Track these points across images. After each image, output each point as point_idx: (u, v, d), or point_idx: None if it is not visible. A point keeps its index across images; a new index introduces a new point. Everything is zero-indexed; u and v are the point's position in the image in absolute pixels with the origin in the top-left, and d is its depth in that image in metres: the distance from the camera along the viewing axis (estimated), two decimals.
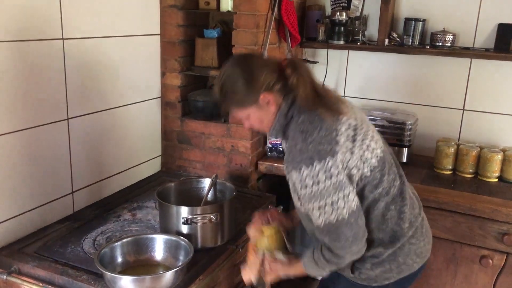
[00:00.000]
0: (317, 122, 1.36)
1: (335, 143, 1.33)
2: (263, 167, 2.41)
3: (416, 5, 2.51)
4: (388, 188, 1.42)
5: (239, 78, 1.41)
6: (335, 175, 1.31)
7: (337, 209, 1.31)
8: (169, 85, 2.43)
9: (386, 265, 1.47)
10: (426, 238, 1.53)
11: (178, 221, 1.68)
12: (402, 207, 1.45)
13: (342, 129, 1.36)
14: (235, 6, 2.20)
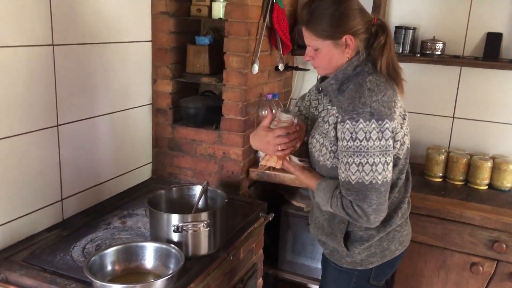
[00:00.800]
0: (382, 87, 1.40)
1: (393, 111, 1.38)
2: (255, 174, 2.40)
3: (406, 13, 2.53)
4: (402, 177, 1.51)
5: (335, 7, 1.41)
6: (386, 138, 1.34)
7: (375, 172, 1.35)
8: (160, 92, 2.42)
9: (372, 249, 1.54)
10: (408, 228, 1.63)
11: (168, 229, 1.67)
12: (404, 198, 1.54)
13: (398, 104, 1.43)
14: (227, 13, 2.21)
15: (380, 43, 1.43)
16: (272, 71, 2.54)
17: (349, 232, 1.54)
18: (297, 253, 2.47)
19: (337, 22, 1.41)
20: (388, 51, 1.43)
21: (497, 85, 2.42)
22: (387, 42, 1.43)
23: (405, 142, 1.46)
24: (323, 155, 1.49)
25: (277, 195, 2.59)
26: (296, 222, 2.43)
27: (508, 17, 2.34)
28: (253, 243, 2.15)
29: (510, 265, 1.99)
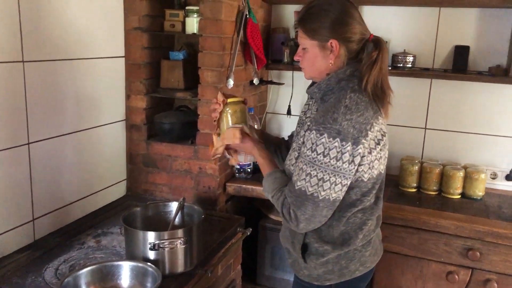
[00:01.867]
0: (361, 107, 1.36)
1: (364, 134, 1.34)
2: (232, 188, 2.39)
3: (378, 27, 2.55)
4: (368, 200, 1.45)
5: (332, 10, 1.40)
6: (343, 160, 1.33)
7: (320, 186, 1.34)
8: (134, 108, 2.40)
9: (329, 266, 1.49)
10: (372, 249, 1.55)
11: (144, 247, 1.63)
12: (367, 220, 1.47)
13: (376, 127, 1.38)
14: (201, 28, 2.21)
15: (370, 59, 1.39)
16: (247, 85, 2.54)
17: (307, 244, 1.51)
18: (276, 267, 2.46)
19: (329, 24, 1.40)
20: (378, 69, 1.39)
21: (466, 96, 2.48)
22: (378, 60, 1.38)
23: (374, 166, 1.40)
24: (289, 159, 1.51)
25: (255, 209, 2.58)
26: (274, 236, 2.42)
27: (475, 30, 2.42)
28: (231, 259, 2.12)
29: (484, 272, 2.02)
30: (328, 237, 1.47)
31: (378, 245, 1.61)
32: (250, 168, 2.45)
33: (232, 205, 2.49)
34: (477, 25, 2.41)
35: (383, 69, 1.40)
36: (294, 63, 2.61)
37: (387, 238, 2.14)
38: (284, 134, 2.90)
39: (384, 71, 1.41)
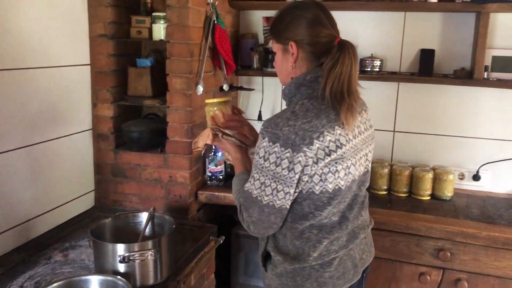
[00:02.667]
0: (310, 114, 1.27)
1: (308, 143, 1.24)
2: (203, 196, 2.35)
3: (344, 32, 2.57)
4: (324, 217, 1.35)
5: (291, 12, 1.38)
6: (282, 167, 1.26)
7: (262, 191, 1.30)
8: (101, 116, 2.34)
9: (283, 280, 1.42)
10: (336, 272, 1.40)
11: (114, 260, 1.59)
12: (322, 239, 1.36)
13: (327, 138, 1.26)
14: (168, 35, 2.18)
15: (329, 63, 1.30)
16: (217, 91, 2.52)
17: (268, 252, 1.45)
18: (250, 274, 2.43)
19: (286, 26, 1.37)
20: (337, 73, 1.28)
21: (433, 98, 2.53)
22: (338, 63, 1.28)
23: (328, 179, 1.28)
24: None
25: (227, 216, 2.55)
26: (247, 243, 2.40)
27: (439, 34, 2.47)
28: (204, 268, 2.09)
29: (455, 272, 2.05)
30: (284, 248, 1.40)
31: (351, 269, 1.42)
32: (222, 175, 2.43)
33: (204, 213, 2.46)
34: (442, 29, 2.47)
35: (344, 73, 1.29)
36: (263, 68, 2.61)
37: None
38: None
39: (344, 75, 1.29)
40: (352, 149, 1.33)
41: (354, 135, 1.34)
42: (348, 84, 1.30)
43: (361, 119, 1.41)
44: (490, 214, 2.16)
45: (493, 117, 2.44)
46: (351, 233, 1.42)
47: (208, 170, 2.40)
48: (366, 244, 1.51)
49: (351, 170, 1.33)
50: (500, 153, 2.47)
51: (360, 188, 1.42)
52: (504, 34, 2.37)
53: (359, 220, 1.45)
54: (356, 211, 1.42)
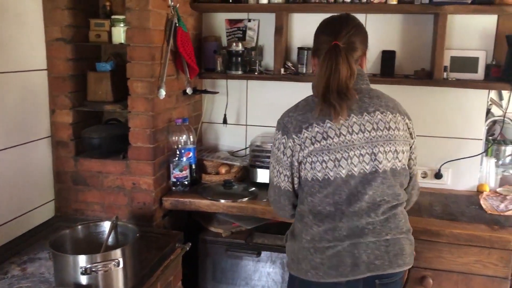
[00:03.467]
0: (306, 108, 1.51)
1: (297, 131, 1.47)
2: (168, 203, 2.30)
3: (307, 34, 2.59)
4: (318, 204, 1.49)
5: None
6: (279, 150, 1.52)
7: (272, 173, 1.59)
8: (60, 123, 2.26)
9: (289, 254, 1.60)
10: (328, 261, 1.49)
11: (75, 272, 1.53)
12: (314, 225, 1.51)
13: (315, 129, 1.45)
14: (128, 38, 2.12)
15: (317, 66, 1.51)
16: (180, 95, 2.48)
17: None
18: (218, 280, 2.40)
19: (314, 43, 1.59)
20: (321, 75, 1.44)
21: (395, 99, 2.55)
22: (323, 66, 1.44)
23: (317, 168, 1.45)
24: None
25: (194, 222, 2.51)
26: (214, 249, 2.37)
27: (400, 36, 2.51)
28: (170, 276, 2.04)
29: (421, 269, 2.08)
30: (291, 226, 1.64)
31: (348, 265, 1.48)
32: (187, 181, 2.39)
33: (169, 220, 2.41)
34: (402, 31, 2.51)
35: (323, 74, 1.44)
36: (227, 71, 2.59)
37: None
38: (221, 144, 2.86)
39: (328, 76, 1.43)
40: (343, 143, 1.44)
41: (350, 131, 1.45)
42: (325, 83, 1.44)
43: (369, 118, 1.47)
44: (453, 212, 2.21)
45: (452, 116, 2.50)
46: (355, 230, 1.48)
47: (173, 175, 2.36)
48: (387, 252, 1.49)
49: (342, 163, 1.44)
50: (460, 151, 2.53)
51: (364, 186, 1.46)
52: (461, 35, 2.43)
53: (367, 221, 1.48)
54: (360, 210, 1.47)
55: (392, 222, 1.51)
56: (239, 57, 2.56)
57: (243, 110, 2.78)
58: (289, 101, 2.72)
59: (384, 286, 1.52)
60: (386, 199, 1.49)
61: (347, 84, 1.43)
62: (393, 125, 1.49)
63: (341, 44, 1.45)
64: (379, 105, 1.51)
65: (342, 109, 1.41)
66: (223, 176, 2.54)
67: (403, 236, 1.54)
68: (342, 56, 1.43)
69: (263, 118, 2.76)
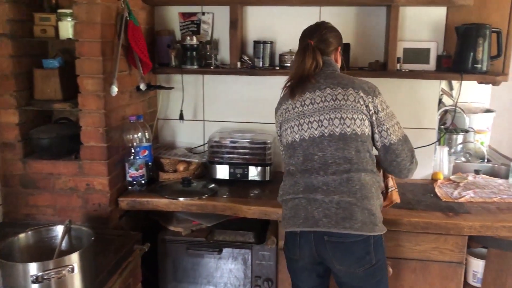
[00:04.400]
0: (282, 95, 1.93)
1: (275, 111, 1.94)
2: (125, 203, 2.23)
3: (262, 28, 2.59)
4: (287, 164, 1.85)
5: None
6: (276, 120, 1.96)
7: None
8: (5, 124, 2.13)
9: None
10: (288, 211, 1.78)
11: (26, 281, 1.45)
12: (284, 181, 1.85)
13: (283, 107, 1.88)
14: (76, 33, 2.03)
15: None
16: (134, 91, 2.40)
17: None
18: (179, 280, 2.35)
19: None
20: (293, 65, 1.91)
21: None
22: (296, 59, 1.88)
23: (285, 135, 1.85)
24: None
25: (152, 222, 2.44)
26: (174, 248, 2.31)
27: (354, 28, 2.53)
28: (129, 279, 1.98)
29: None
30: None
31: (301, 217, 1.72)
32: (144, 180, 2.32)
33: (127, 221, 2.33)
34: (356, 23, 2.53)
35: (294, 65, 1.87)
36: (182, 66, 2.53)
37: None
38: (178, 140, 2.80)
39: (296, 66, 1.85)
40: (296, 114, 1.80)
41: (302, 104, 1.80)
42: (294, 72, 1.85)
43: (319, 93, 1.78)
44: (410, 200, 2.25)
45: (407, 106, 2.55)
46: (310, 187, 1.73)
47: (129, 175, 2.28)
48: (336, 213, 1.67)
49: (295, 129, 1.80)
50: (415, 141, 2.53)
51: (314, 149, 1.75)
52: (413, 27, 2.47)
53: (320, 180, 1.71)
54: (313, 168, 1.74)
55: (345, 186, 1.69)
56: (194, 51, 2.51)
57: (200, 105, 2.73)
58: (246, 95, 2.72)
59: (332, 244, 1.68)
60: (337, 162, 1.72)
61: (309, 72, 1.80)
62: (341, 97, 1.75)
63: (313, 43, 1.84)
64: (331, 83, 1.79)
65: (298, 89, 1.80)
66: (181, 174, 2.49)
67: (355, 202, 1.67)
68: (309, 51, 1.81)
69: (220, 113, 2.72)
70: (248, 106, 2.69)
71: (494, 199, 2.23)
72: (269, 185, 2.44)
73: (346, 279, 1.74)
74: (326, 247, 1.69)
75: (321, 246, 1.70)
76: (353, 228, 1.65)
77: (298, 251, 1.76)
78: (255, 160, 2.44)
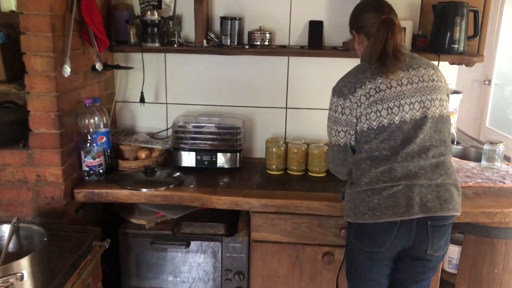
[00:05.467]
0: (357, 72, 1.71)
1: (352, 91, 1.67)
2: (81, 195, 2.03)
3: (230, 3, 2.41)
4: (375, 149, 1.66)
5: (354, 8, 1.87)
6: (337, 111, 1.71)
7: (330, 134, 1.78)
8: None
9: (348, 203, 1.73)
10: (385, 201, 1.62)
11: None
12: (371, 168, 1.66)
13: (368, 86, 1.65)
14: (21, 4, 1.78)
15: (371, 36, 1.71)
16: (89, 72, 2.18)
17: None
18: (143, 276, 2.19)
19: (351, 19, 1.86)
20: (378, 41, 1.66)
21: (322, 72, 2.46)
22: (379, 35, 1.66)
23: (372, 118, 1.64)
24: None
25: (113, 214, 2.26)
26: (137, 242, 2.14)
27: (327, 5, 2.39)
28: (89, 278, 1.80)
29: None
30: (350, 179, 1.77)
31: (403, 206, 1.61)
32: (102, 169, 2.12)
33: (84, 215, 2.13)
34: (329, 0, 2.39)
35: (378, 42, 1.65)
36: (142, 43, 2.31)
37: (260, 228, 2.04)
38: (138, 125, 2.61)
39: (379, 43, 1.65)
40: (394, 93, 1.64)
41: (399, 84, 1.65)
42: (382, 48, 1.65)
43: (415, 73, 1.68)
44: None
45: None
46: (408, 172, 1.63)
47: (85, 164, 2.07)
48: (438, 197, 1.63)
49: (394, 111, 1.64)
50: None
51: (416, 130, 1.64)
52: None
53: (419, 164, 1.63)
54: (414, 151, 1.63)
55: (442, 169, 1.66)
56: (155, 28, 2.30)
57: (162, 86, 2.54)
58: (213, 76, 2.54)
59: (435, 228, 1.65)
60: (434, 144, 1.66)
61: (399, 48, 1.67)
62: (436, 77, 1.70)
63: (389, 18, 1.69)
64: (421, 63, 1.71)
65: (394, 67, 1.64)
66: (143, 162, 2.30)
67: (452, 182, 1.67)
68: (396, 26, 1.67)
69: (185, 95, 2.54)
70: (215, 87, 2.52)
71: (470, 184, 2.18)
72: (238, 172, 2.30)
73: (432, 264, 1.72)
74: (428, 232, 1.65)
75: (422, 232, 1.64)
76: (454, 209, 1.66)
77: (391, 242, 1.65)
78: (224, 146, 2.29)
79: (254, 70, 2.48)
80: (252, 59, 2.43)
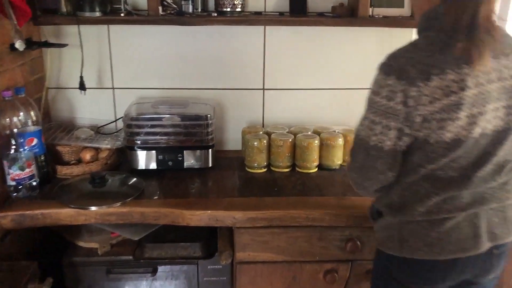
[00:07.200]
0: (433, 49, 1.12)
1: (425, 77, 1.09)
2: (8, 220, 1.52)
3: None
4: (440, 169, 1.20)
5: None
6: (385, 97, 1.14)
7: (369, 129, 1.19)
8: None
9: (390, 231, 1.32)
10: (447, 235, 1.24)
11: None
12: (432, 194, 1.22)
13: (448, 76, 1.09)
14: None
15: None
16: (7, 52, 1.64)
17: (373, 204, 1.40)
18: None
19: None
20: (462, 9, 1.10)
21: (308, 44, 2.04)
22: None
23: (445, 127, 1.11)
24: None
25: (55, 238, 1.77)
26: (89, 272, 1.68)
27: None
28: None
29: (365, 262, 1.67)
30: (388, 197, 1.31)
31: (470, 238, 1.24)
32: (35, 181, 1.62)
33: (13, 243, 1.62)
34: None
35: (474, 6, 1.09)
36: (78, 13, 1.78)
37: (247, 246, 1.63)
38: (79, 117, 2.10)
39: (475, 3, 1.09)
40: (482, 95, 1.12)
41: (488, 80, 1.13)
42: (473, 13, 1.10)
43: (506, 63, 1.16)
44: None
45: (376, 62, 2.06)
46: (477, 197, 1.24)
47: (10, 177, 1.56)
48: (505, 218, 1.28)
49: (477, 120, 1.13)
50: None
51: (495, 146, 1.19)
52: None
53: (492, 185, 1.23)
54: (488, 173, 1.21)
55: (510, 184, 1.27)
56: None
57: (107, 67, 2.02)
58: (171, 52, 2.04)
59: (498, 255, 1.32)
60: (508, 159, 1.24)
61: (493, 19, 1.13)
62: None
63: None
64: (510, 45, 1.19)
65: (486, 50, 1.10)
66: (88, 166, 1.81)
67: None
68: None
69: (136, 77, 2.04)
70: (174, 67, 2.04)
71: None
72: (212, 173, 1.86)
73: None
74: (491, 261, 1.32)
75: (487, 262, 1.31)
76: None
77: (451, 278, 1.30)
78: (191, 141, 1.83)
79: (223, 43, 2.01)
80: (221, 30, 1.97)
